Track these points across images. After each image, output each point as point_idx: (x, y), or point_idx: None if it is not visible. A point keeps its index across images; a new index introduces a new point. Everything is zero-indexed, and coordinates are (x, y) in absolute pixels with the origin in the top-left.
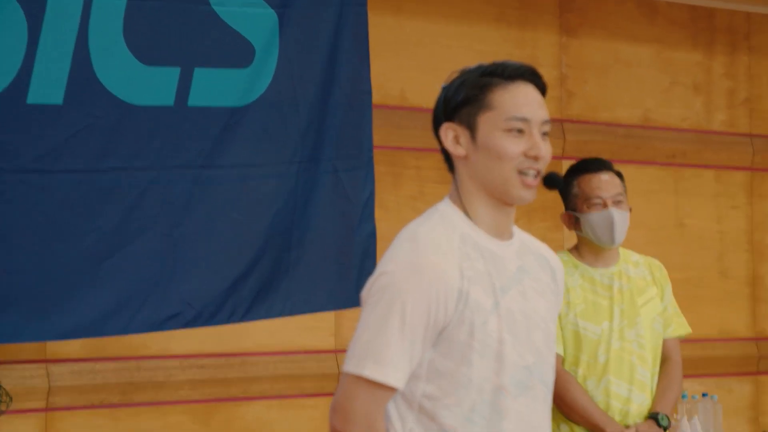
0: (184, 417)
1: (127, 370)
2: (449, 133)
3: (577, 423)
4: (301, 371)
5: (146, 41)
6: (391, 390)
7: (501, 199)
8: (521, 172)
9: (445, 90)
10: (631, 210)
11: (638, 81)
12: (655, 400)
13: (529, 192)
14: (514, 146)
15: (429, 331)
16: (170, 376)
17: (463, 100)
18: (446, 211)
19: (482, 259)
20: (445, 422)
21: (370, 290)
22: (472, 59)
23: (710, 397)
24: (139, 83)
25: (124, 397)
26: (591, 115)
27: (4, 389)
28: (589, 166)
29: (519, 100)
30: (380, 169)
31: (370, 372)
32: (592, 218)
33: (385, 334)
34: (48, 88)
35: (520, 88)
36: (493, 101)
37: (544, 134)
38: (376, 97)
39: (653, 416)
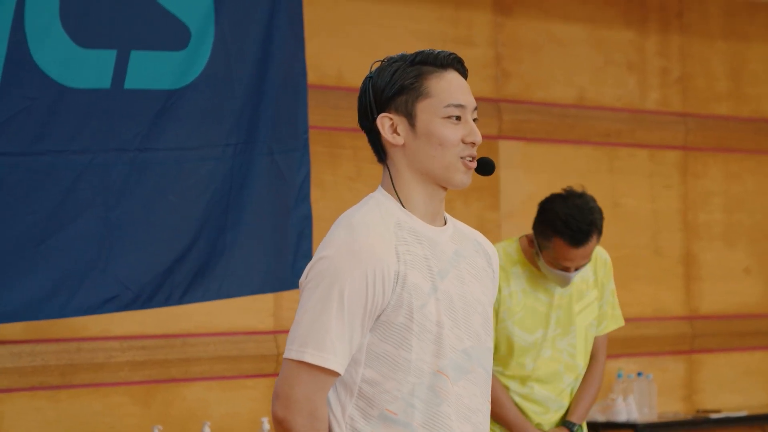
0: (124, 398)
1: (67, 351)
2: (386, 122)
3: (494, 420)
4: (241, 352)
5: (83, 24)
6: (333, 375)
7: (439, 185)
8: (462, 159)
9: (372, 80)
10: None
11: (572, 60)
12: (572, 406)
13: (468, 176)
14: (453, 133)
15: (368, 314)
16: (110, 358)
17: (398, 89)
18: (381, 198)
19: (419, 243)
20: (386, 407)
21: (308, 275)
22: (408, 39)
23: (645, 376)
24: (75, 66)
25: (64, 378)
26: (526, 95)
27: None
28: (573, 239)
29: (453, 87)
30: (317, 150)
31: (311, 357)
32: (551, 271)
33: (325, 319)
34: None
35: (451, 76)
36: (430, 89)
37: (474, 120)
38: (313, 78)
39: (567, 425)
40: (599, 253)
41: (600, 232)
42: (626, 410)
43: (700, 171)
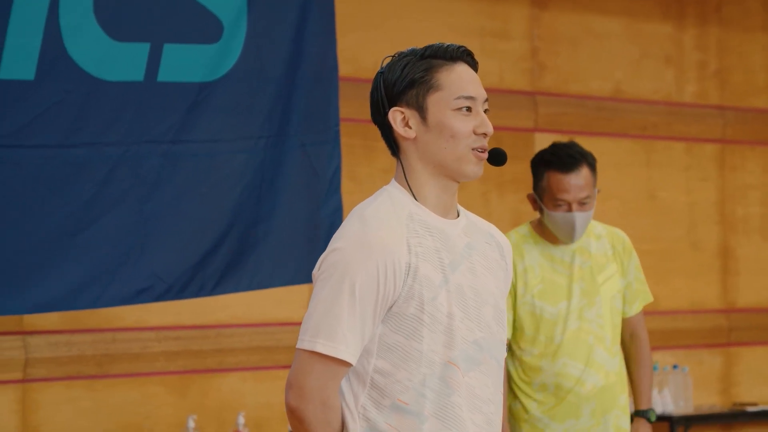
0: (159, 388)
1: (103, 341)
2: (397, 116)
3: None
4: (276, 343)
5: (116, 17)
6: (345, 365)
7: (451, 177)
8: (473, 150)
9: (383, 75)
10: (599, 191)
11: (609, 53)
12: (635, 393)
13: (480, 167)
14: (464, 125)
15: (379, 305)
16: (146, 348)
17: (409, 82)
18: (393, 191)
19: (430, 236)
20: (397, 397)
21: (321, 267)
22: (445, 32)
23: (681, 369)
24: (109, 59)
25: (101, 368)
26: (563, 88)
27: None
28: (562, 164)
29: (464, 80)
30: (354, 142)
31: (323, 347)
32: (555, 217)
33: (336, 310)
34: (19, 63)
35: (461, 68)
36: (440, 81)
37: (485, 111)
38: (350, 70)
39: (642, 414)
40: (616, 231)
41: (592, 168)
42: (662, 403)
43: (737, 164)
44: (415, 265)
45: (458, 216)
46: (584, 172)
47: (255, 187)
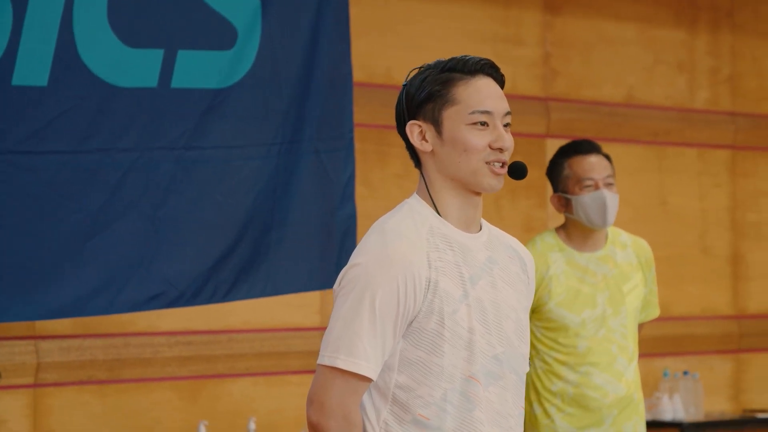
0: (170, 393)
1: (114, 346)
2: (414, 129)
3: None
4: (287, 348)
5: (130, 23)
6: (366, 380)
7: (470, 190)
8: (488, 163)
9: (406, 88)
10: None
11: (622, 59)
12: None
13: (498, 180)
14: (479, 139)
15: (399, 320)
16: (157, 353)
17: (426, 96)
18: (415, 205)
19: (451, 250)
20: (419, 411)
21: (341, 282)
22: (457, 37)
23: (691, 375)
24: (123, 65)
25: (112, 373)
26: (575, 94)
27: None
28: (580, 147)
29: (481, 94)
30: (367, 148)
31: (343, 363)
32: (585, 200)
33: (357, 326)
34: (32, 70)
35: (481, 82)
36: (456, 96)
37: (506, 125)
38: (363, 76)
39: None
40: (641, 242)
41: (607, 156)
42: (672, 409)
43: (749, 170)
44: (435, 280)
45: (480, 229)
46: (602, 156)
47: (269, 194)
